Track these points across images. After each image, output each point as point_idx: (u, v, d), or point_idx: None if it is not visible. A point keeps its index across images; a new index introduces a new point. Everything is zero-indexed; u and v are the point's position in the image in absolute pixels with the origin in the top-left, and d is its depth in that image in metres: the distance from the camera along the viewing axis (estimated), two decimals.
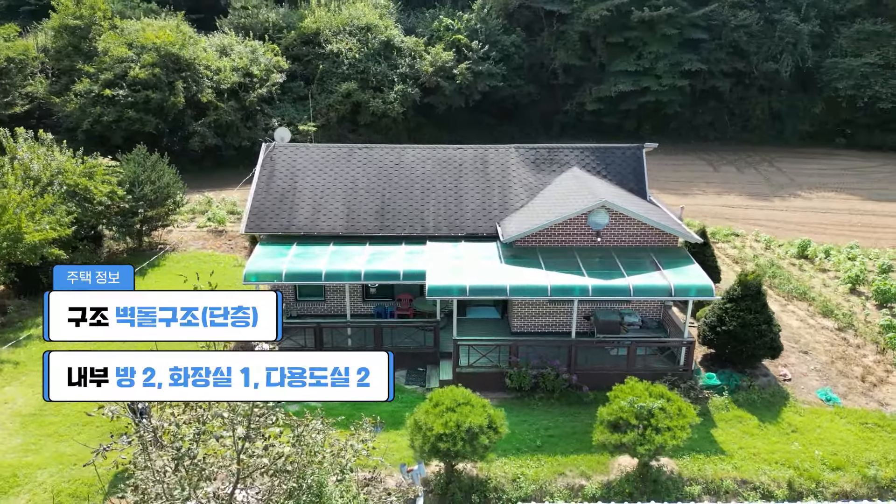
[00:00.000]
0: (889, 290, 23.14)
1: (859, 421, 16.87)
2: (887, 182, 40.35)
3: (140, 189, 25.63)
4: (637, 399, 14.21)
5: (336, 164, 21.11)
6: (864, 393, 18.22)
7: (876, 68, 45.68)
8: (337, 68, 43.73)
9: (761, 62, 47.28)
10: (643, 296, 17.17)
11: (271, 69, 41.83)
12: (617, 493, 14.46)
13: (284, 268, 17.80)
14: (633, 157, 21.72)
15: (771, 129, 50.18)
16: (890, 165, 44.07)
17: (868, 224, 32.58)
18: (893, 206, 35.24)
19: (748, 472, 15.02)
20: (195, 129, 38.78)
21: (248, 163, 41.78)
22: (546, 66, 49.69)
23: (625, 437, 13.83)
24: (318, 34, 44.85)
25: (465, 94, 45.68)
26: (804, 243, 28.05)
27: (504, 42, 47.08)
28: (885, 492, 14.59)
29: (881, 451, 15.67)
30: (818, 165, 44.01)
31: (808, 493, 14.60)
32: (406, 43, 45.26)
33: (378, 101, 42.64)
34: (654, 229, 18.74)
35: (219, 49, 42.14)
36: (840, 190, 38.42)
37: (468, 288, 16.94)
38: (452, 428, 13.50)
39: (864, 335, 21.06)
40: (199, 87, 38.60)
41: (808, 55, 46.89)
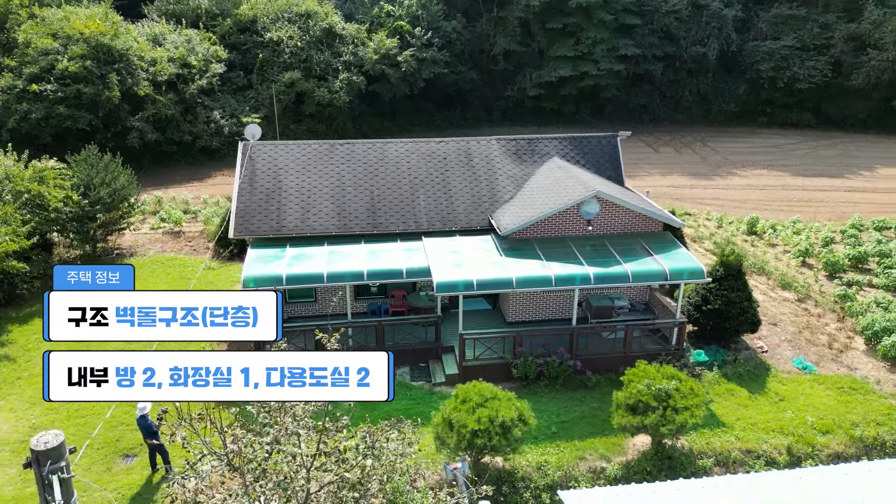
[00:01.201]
0: (838, 261, 25.05)
1: (836, 386, 18.32)
2: (808, 158, 43.32)
3: (95, 192, 24.19)
4: (653, 382, 14.89)
5: (319, 161, 20.67)
6: (834, 359, 19.77)
7: (794, 51, 48.72)
8: (278, 57, 42.46)
9: (690, 46, 49.43)
10: (641, 281, 17.91)
11: (210, 59, 40.12)
12: (636, 473, 15.15)
13: (284, 271, 17.37)
14: (609, 145, 22.41)
15: (699, 110, 52.69)
16: (808, 142, 47.30)
17: (802, 199, 34.98)
18: (820, 181, 37.95)
19: (750, 442, 16.08)
20: (133, 124, 36.78)
21: (190, 159, 40.30)
22: (486, 52, 50.04)
23: (647, 419, 14.48)
24: (255, 22, 43.31)
25: (409, 81, 45.41)
26: (753, 220, 29.84)
27: (445, 28, 47.02)
28: (871, 450, 16.01)
29: (861, 412, 17.12)
30: (745, 144, 46.65)
31: (806, 457, 15.80)
32: (348, 30, 44.44)
33: (324, 91, 41.76)
34: (641, 216, 19.50)
35: (150, 38, 39.96)
36: (770, 167, 40.96)
37: (475, 283, 17.12)
38: (486, 423, 13.73)
39: (823, 305, 22.77)
40: (134, 79, 36.54)
41: (732, 39, 49.42)
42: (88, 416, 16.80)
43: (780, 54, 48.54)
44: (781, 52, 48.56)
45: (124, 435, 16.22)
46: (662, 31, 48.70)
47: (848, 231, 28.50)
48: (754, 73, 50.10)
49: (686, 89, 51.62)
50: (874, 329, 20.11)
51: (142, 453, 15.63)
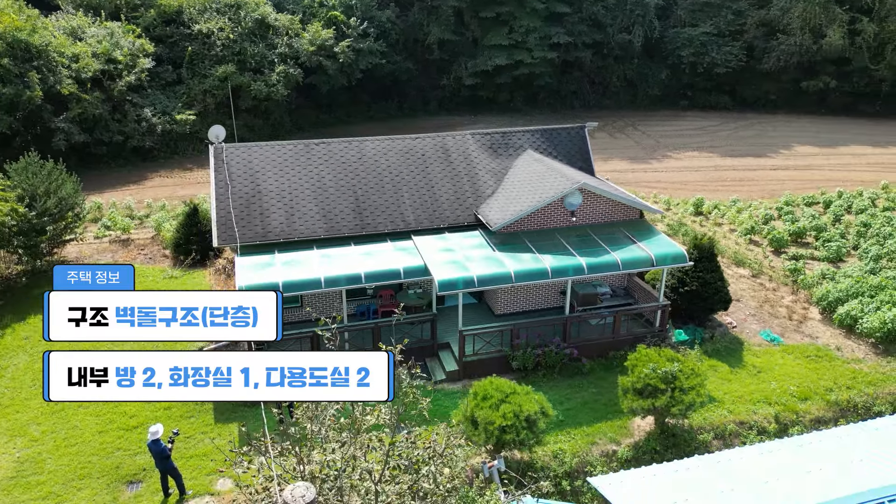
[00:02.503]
0: (782, 237, 26.90)
1: (803, 355, 19.80)
2: (731, 139, 45.98)
3: (42, 203, 22.53)
4: (657, 365, 15.61)
5: (296, 163, 20.13)
6: (796, 330, 21.32)
7: (711, 37, 51.38)
8: (209, 50, 40.65)
9: (616, 34, 51.15)
10: (630, 269, 18.63)
11: (136, 54, 37.88)
12: (645, 453, 15.89)
13: (279, 278, 16.90)
14: (578, 136, 23.02)
15: (626, 95, 54.71)
16: (728, 123, 50.14)
17: (735, 179, 37.17)
18: (747, 161, 40.41)
19: (741, 414, 17.18)
20: (57, 125, 34.29)
21: (122, 161, 38.13)
22: (421, 42, 49.85)
23: (657, 401, 15.19)
24: (181, 13, 41.22)
25: (346, 73, 44.65)
26: (699, 201, 31.49)
27: (380, 18, 46.47)
28: (846, 412, 17.46)
29: (831, 378, 18.62)
30: (672, 127, 48.91)
31: (792, 423, 17.06)
32: (281, 21, 43.08)
33: (260, 84, 40.40)
34: (620, 204, 20.23)
35: (69, 32, 37.29)
36: (700, 149, 43.20)
37: (476, 279, 17.28)
38: (511, 419, 14.01)
39: (776, 279, 24.45)
40: (56, 77, 34.03)
41: (655, 26, 51.52)
42: (78, 444, 15.83)
43: (699, 40, 51.08)
44: (700, 38, 51.11)
45: (122, 461, 15.40)
46: (591, 19, 50.11)
47: (784, 208, 30.59)
48: (676, 59, 52.48)
49: (614, 75, 53.43)
50: (829, 300, 21.81)
51: (147, 478, 14.92)
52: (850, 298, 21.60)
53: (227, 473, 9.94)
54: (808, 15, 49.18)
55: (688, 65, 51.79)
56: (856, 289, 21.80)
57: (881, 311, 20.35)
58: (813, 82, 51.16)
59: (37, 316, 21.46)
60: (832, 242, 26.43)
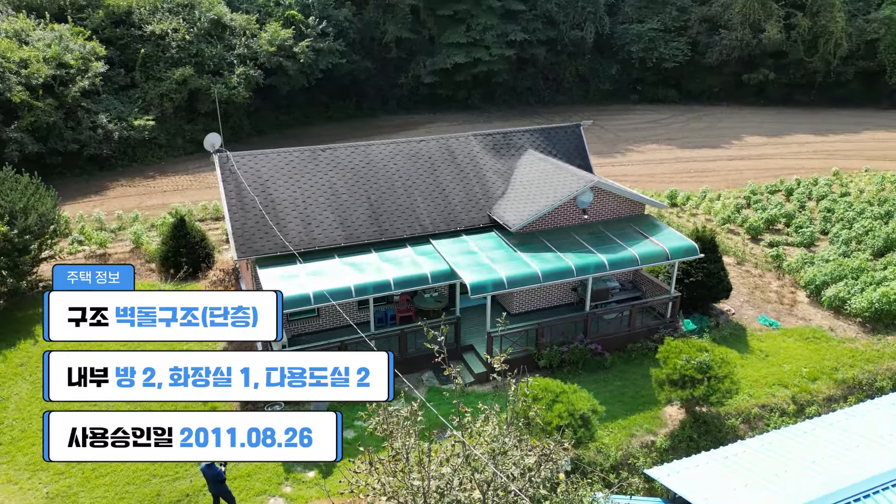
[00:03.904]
0: (758, 225, 28.24)
1: (802, 337, 20.91)
2: (684, 131, 47.80)
3: (23, 220, 21.17)
4: (690, 356, 16.18)
5: (305, 170, 19.67)
6: (789, 313, 22.48)
7: (659, 33, 53.20)
8: (164, 52, 39.01)
9: (569, 30, 52.18)
10: (648, 263, 19.17)
11: (88, 57, 35.92)
12: (681, 441, 16.46)
13: (310, 290, 16.52)
14: (574, 135, 23.44)
15: (579, 91, 55.95)
16: (677, 115, 52.08)
17: (698, 170, 38.69)
18: (705, 152, 42.12)
19: (762, 398, 18.02)
20: (9, 135, 32.18)
21: (78, 171, 36.24)
22: (377, 41, 49.39)
23: (695, 391, 15.76)
24: (130, 13, 39.37)
25: (306, 73, 43.79)
26: (673, 192, 32.62)
27: (337, 17, 45.75)
28: (853, 390, 18.59)
29: (833, 357, 19.75)
30: (626, 121, 50.38)
31: (807, 403, 18.02)
32: (237, 21, 41.79)
33: (220, 87, 39.07)
34: (628, 200, 20.76)
35: (12, 35, 34.98)
36: (658, 141, 44.71)
37: (505, 281, 17.40)
38: (567, 418, 14.24)
39: (761, 266, 25.67)
40: (5, 84, 31.92)
41: (605, 23, 52.85)
42: (109, 474, 15.04)
43: (647, 36, 52.79)
44: (648, 34, 52.82)
45: (162, 488, 14.74)
46: (545, 17, 50.93)
47: (753, 197, 32.09)
48: (626, 55, 54.04)
49: (567, 71, 54.51)
50: (816, 283, 23.08)
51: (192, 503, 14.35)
52: (835, 281, 22.93)
53: (339, 489, 9.67)
54: (747, 11, 51.61)
55: (637, 60, 53.45)
56: (839, 272, 23.17)
57: (866, 292, 21.71)
58: (753, 75, 53.74)
59: (27, 340, 20.20)
60: (804, 228, 27.96)
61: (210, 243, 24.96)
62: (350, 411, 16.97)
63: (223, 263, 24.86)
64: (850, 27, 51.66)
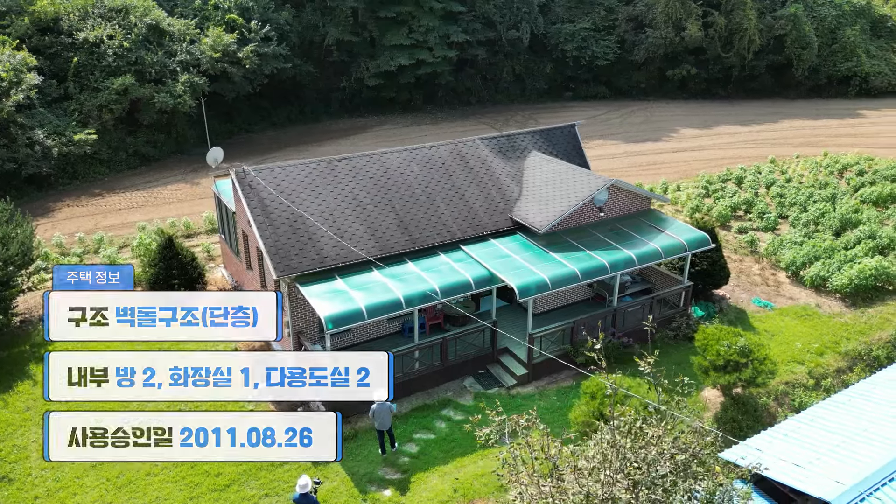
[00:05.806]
0: (726, 213, 30.00)
1: (797, 315, 22.47)
2: (625, 126, 49.82)
3: (5, 250, 19.32)
4: (731, 342, 17.05)
5: (326, 182, 19.08)
6: (777, 294, 24.08)
7: (590, 32, 55.10)
8: (99, 60, 36.44)
9: (506, 31, 53.08)
10: (669, 256, 19.98)
11: (19, 69, 33.02)
12: (725, 423, 17.31)
13: (361, 304, 16.09)
14: (570, 135, 24.05)
15: (516, 90, 56.99)
16: (612, 112, 54.13)
17: (649, 163, 40.48)
18: (650, 146, 44.11)
19: (784, 376, 19.23)
20: None
21: (15, 192, 33.31)
22: (317, 44, 48.30)
23: (742, 374, 16.62)
24: (58, 20, 36.51)
25: (250, 79, 42.23)
26: (637, 185, 33.96)
27: (277, 20, 44.36)
28: (858, 360, 20.20)
29: (830, 332, 21.37)
30: (567, 118, 51.69)
31: (822, 376, 19.42)
32: (176, 26, 39.65)
33: (165, 96, 36.98)
34: (637, 196, 21.54)
35: None
36: (604, 137, 46.35)
37: (549, 282, 17.65)
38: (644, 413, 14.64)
39: (740, 252, 27.29)
40: None
41: (539, 23, 54.16)
42: None
43: (580, 35, 54.58)
44: (581, 33, 54.63)
45: None
46: (484, 18, 51.56)
47: (710, 187, 34.01)
48: (559, 54, 55.63)
49: (504, 71, 55.42)
50: (796, 264, 24.82)
51: None
52: (813, 262, 24.77)
53: None
54: (669, 10, 54.39)
55: (571, 58, 55.14)
56: (814, 252, 25.04)
57: (844, 270, 23.62)
58: (676, 71, 56.72)
59: (25, 382, 18.49)
60: (767, 214, 29.97)
61: (199, 262, 23.69)
62: (404, 424, 16.71)
63: (219, 282, 23.69)
64: (760, 24, 55.58)
